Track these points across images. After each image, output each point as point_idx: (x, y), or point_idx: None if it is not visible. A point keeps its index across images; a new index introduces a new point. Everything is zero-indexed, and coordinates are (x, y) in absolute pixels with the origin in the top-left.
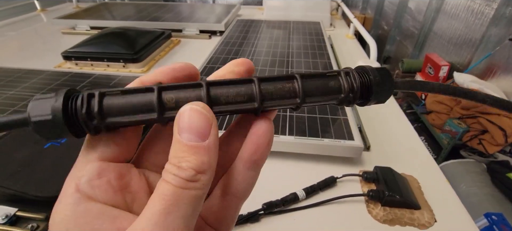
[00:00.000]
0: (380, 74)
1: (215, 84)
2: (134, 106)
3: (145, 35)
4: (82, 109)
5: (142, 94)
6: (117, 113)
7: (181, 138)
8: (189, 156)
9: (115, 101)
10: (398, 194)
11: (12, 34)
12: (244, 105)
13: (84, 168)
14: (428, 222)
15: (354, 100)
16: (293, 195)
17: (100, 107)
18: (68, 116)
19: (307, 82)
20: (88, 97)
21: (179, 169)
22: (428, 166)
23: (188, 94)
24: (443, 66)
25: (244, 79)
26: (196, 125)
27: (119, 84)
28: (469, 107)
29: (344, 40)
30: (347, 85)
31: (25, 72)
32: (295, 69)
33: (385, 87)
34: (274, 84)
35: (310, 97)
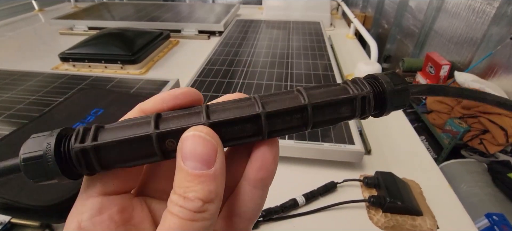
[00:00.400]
0: (390, 76)
1: (219, 125)
2: (134, 154)
3: (143, 35)
4: (80, 166)
5: (141, 142)
6: (118, 162)
7: (185, 166)
8: (195, 185)
9: (113, 152)
10: (400, 200)
11: (9, 35)
12: (249, 139)
13: (84, 204)
14: (430, 229)
15: (369, 105)
16: (293, 201)
17: (98, 160)
18: (60, 157)
19: (318, 112)
20: (82, 152)
21: (185, 200)
22: (430, 170)
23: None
24: (443, 65)
25: (250, 116)
26: (200, 152)
27: (116, 87)
28: (470, 106)
29: (344, 40)
30: (357, 90)
31: (22, 74)
32: (295, 70)
33: (397, 87)
34: (284, 118)
35: (320, 125)
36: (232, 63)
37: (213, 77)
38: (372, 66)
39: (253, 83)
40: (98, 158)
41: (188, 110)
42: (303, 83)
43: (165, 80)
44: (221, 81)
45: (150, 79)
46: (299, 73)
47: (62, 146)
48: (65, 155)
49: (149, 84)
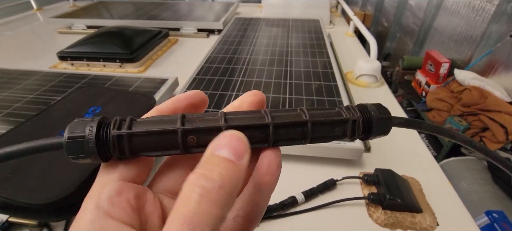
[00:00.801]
0: (377, 107)
1: (234, 128)
2: (161, 145)
3: (142, 34)
4: (114, 149)
5: (168, 135)
6: (145, 150)
7: (218, 153)
8: (221, 169)
9: (143, 141)
10: (399, 197)
11: (8, 34)
12: (256, 145)
13: (104, 186)
14: (430, 226)
15: (359, 130)
16: (292, 199)
17: (130, 148)
18: (99, 139)
19: (316, 128)
20: (119, 138)
21: (206, 178)
22: (430, 167)
23: (209, 136)
24: (443, 63)
25: (260, 125)
26: (235, 145)
27: (115, 85)
28: (470, 104)
29: (343, 38)
30: (349, 133)
31: (20, 73)
32: (294, 68)
33: (383, 117)
34: (287, 129)
35: (316, 140)
36: (231, 61)
37: (212, 75)
38: (372, 64)
39: (252, 81)
40: (130, 144)
41: (208, 115)
42: (302, 81)
43: (164, 78)
44: (220, 79)
45: (148, 78)
46: (298, 71)
47: (101, 131)
48: (103, 139)
49: (147, 82)
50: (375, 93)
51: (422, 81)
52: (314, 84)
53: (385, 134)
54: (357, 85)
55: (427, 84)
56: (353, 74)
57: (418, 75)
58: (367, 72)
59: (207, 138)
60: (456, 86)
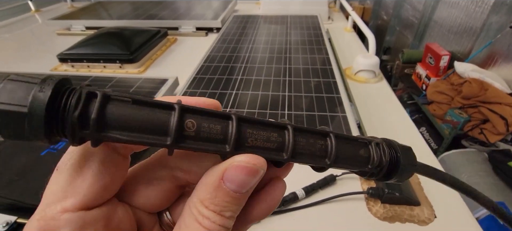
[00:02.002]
0: (406, 153)
1: (245, 121)
2: (144, 123)
3: (141, 34)
4: (74, 110)
5: (158, 110)
6: (120, 127)
7: (226, 186)
8: (232, 205)
9: (121, 111)
10: (398, 191)
11: (6, 37)
12: (271, 154)
13: (59, 217)
14: (428, 218)
15: (379, 174)
16: (293, 195)
17: (100, 115)
18: (51, 116)
19: (340, 144)
20: (88, 97)
21: (222, 219)
22: (428, 160)
23: (214, 125)
24: (443, 55)
25: (277, 124)
26: (250, 182)
27: (116, 86)
28: (470, 97)
29: (342, 33)
30: (376, 158)
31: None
32: (293, 65)
33: (409, 168)
34: (307, 138)
35: (339, 162)
36: (231, 60)
37: (212, 74)
38: (370, 59)
39: (251, 79)
40: (99, 134)
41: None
42: (301, 78)
43: (164, 78)
44: (219, 78)
45: (149, 78)
46: (297, 68)
47: (55, 106)
48: (57, 118)
49: (148, 83)
50: (374, 88)
51: (422, 74)
52: (313, 81)
53: (402, 182)
54: (356, 81)
55: (427, 77)
56: (352, 70)
57: (418, 68)
58: (366, 67)
59: (210, 128)
60: (456, 78)
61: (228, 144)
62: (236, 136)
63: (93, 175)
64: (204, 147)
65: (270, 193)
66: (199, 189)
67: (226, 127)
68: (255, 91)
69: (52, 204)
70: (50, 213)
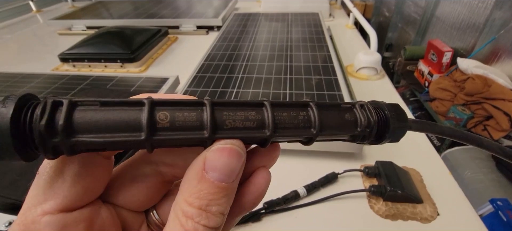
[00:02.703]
0: (395, 111)
1: (220, 105)
2: (115, 122)
3: (142, 33)
4: (40, 119)
5: (127, 108)
6: (90, 130)
7: (209, 176)
8: (219, 198)
9: (90, 115)
10: (400, 189)
11: (8, 37)
12: (252, 133)
13: (39, 220)
14: (430, 215)
15: (370, 136)
16: (294, 193)
17: (68, 120)
18: (19, 130)
19: (323, 112)
20: (53, 106)
21: (208, 215)
22: (430, 158)
23: (188, 113)
24: (446, 52)
25: (254, 102)
26: (233, 166)
27: (117, 86)
28: (473, 93)
29: (343, 30)
30: (363, 119)
31: (23, 76)
32: (294, 63)
33: (401, 124)
34: (288, 111)
35: (326, 130)
36: (231, 58)
37: (213, 72)
38: (372, 56)
39: (252, 77)
40: (70, 140)
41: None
42: (302, 75)
43: (165, 77)
44: (220, 77)
45: (150, 77)
46: (298, 65)
47: (21, 119)
48: (25, 132)
49: (149, 82)
50: (376, 86)
51: (425, 71)
52: (314, 78)
53: (397, 141)
54: (357, 78)
55: (430, 74)
56: (354, 67)
57: (421, 65)
58: (367, 64)
59: (184, 117)
60: (459, 75)
61: (205, 129)
62: (212, 119)
63: (73, 177)
64: (181, 136)
65: (255, 183)
66: (182, 187)
67: (201, 113)
68: (256, 89)
69: (32, 207)
70: (30, 217)
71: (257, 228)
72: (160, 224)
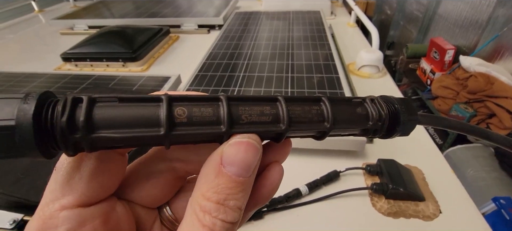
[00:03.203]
0: (404, 104)
1: (235, 100)
2: (135, 118)
3: (143, 32)
4: (62, 116)
5: (145, 104)
6: (111, 126)
7: (226, 170)
8: (237, 193)
9: (109, 111)
10: (402, 187)
11: (11, 37)
12: (268, 127)
13: (56, 216)
14: (433, 213)
15: (382, 129)
16: (296, 191)
17: (88, 116)
18: (40, 126)
19: (335, 107)
20: (73, 102)
21: (225, 209)
22: (433, 156)
23: (204, 108)
24: (448, 50)
25: (268, 97)
26: (250, 161)
27: (119, 85)
28: (476, 91)
29: (345, 28)
30: (374, 112)
31: (25, 76)
32: (296, 61)
33: (411, 118)
34: (301, 105)
35: (339, 124)
36: (233, 57)
37: (214, 71)
38: (374, 54)
39: (254, 76)
40: (91, 136)
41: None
42: (304, 74)
43: (167, 76)
44: (222, 75)
45: (151, 76)
46: (300, 64)
47: (43, 115)
48: (46, 128)
49: (150, 81)
50: (378, 84)
51: (427, 69)
52: (316, 77)
53: (407, 135)
54: (359, 76)
55: (432, 72)
56: (355, 65)
57: (423, 63)
58: (369, 62)
59: (201, 112)
60: (461, 73)
61: (222, 124)
62: (229, 114)
63: (90, 173)
64: (199, 131)
65: (269, 177)
66: (199, 182)
67: (217, 108)
68: (258, 88)
69: (50, 202)
70: (48, 212)
71: (260, 226)
72: (173, 220)
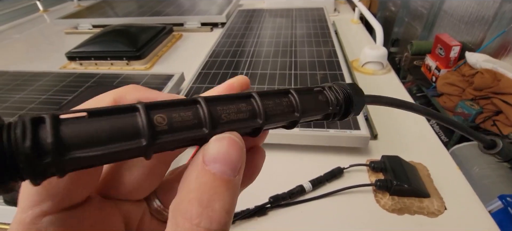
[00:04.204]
0: (353, 88)
1: (212, 101)
2: (111, 132)
3: (147, 31)
4: (23, 140)
5: (120, 116)
6: (84, 144)
7: (211, 168)
8: (222, 192)
9: (80, 128)
10: (406, 183)
11: (16, 37)
12: (247, 123)
13: (39, 221)
14: (437, 210)
15: (340, 113)
16: (300, 187)
17: (56, 136)
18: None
19: (302, 97)
20: (33, 122)
21: (209, 212)
22: (438, 152)
23: (184, 113)
24: (454, 46)
25: (242, 94)
26: (235, 158)
27: (123, 83)
28: (483, 88)
29: (349, 25)
30: (334, 99)
31: (31, 75)
32: (299, 58)
33: (360, 99)
34: (273, 99)
35: (307, 112)
36: (236, 54)
37: (217, 69)
38: (378, 50)
39: (257, 73)
40: (64, 158)
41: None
42: (307, 71)
43: (170, 74)
44: (225, 73)
45: (155, 74)
46: (303, 61)
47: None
48: (3, 157)
49: (154, 79)
50: (382, 80)
51: (432, 66)
52: (319, 73)
53: (358, 114)
54: (363, 73)
55: (437, 69)
56: (359, 62)
57: (428, 60)
58: (373, 59)
59: (181, 117)
60: (467, 69)
61: (204, 126)
62: (210, 115)
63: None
64: (181, 136)
65: (251, 160)
66: (181, 186)
67: (197, 111)
68: (261, 85)
69: (28, 208)
70: (28, 218)
71: (263, 222)
72: (162, 210)
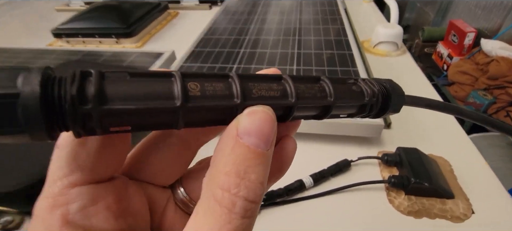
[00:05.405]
0: (390, 84)
1: (244, 77)
2: (148, 91)
3: (140, 7)
4: (71, 88)
5: (158, 79)
6: (123, 97)
7: (245, 141)
8: (256, 165)
9: (121, 84)
10: (427, 181)
11: (7, 13)
12: (279, 101)
13: (67, 191)
14: (463, 214)
15: (377, 106)
16: (299, 183)
17: (100, 87)
18: (46, 98)
19: (335, 84)
20: (82, 75)
21: (247, 186)
22: (462, 145)
23: (216, 84)
24: (469, 33)
25: (274, 75)
26: (267, 131)
27: (108, 61)
28: (498, 77)
29: (359, 4)
30: (369, 90)
31: (15, 51)
32: (303, 37)
33: (400, 96)
34: (304, 83)
35: (340, 98)
36: (234, 32)
37: (212, 47)
38: (392, 29)
39: (256, 52)
40: (103, 108)
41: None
42: (312, 50)
43: (160, 52)
44: (220, 51)
45: (143, 52)
46: (308, 39)
47: (49, 88)
48: (53, 101)
49: (142, 57)
50: (396, 62)
51: (444, 53)
52: (326, 53)
53: (398, 112)
54: (375, 55)
55: (450, 56)
56: (371, 42)
57: (440, 47)
58: (387, 39)
59: (213, 86)
60: (482, 57)
61: (236, 97)
62: (242, 87)
63: (96, 149)
64: (213, 103)
65: (282, 149)
66: (214, 159)
67: (229, 84)
68: (259, 65)
69: (58, 180)
70: (57, 189)
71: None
72: (187, 201)
